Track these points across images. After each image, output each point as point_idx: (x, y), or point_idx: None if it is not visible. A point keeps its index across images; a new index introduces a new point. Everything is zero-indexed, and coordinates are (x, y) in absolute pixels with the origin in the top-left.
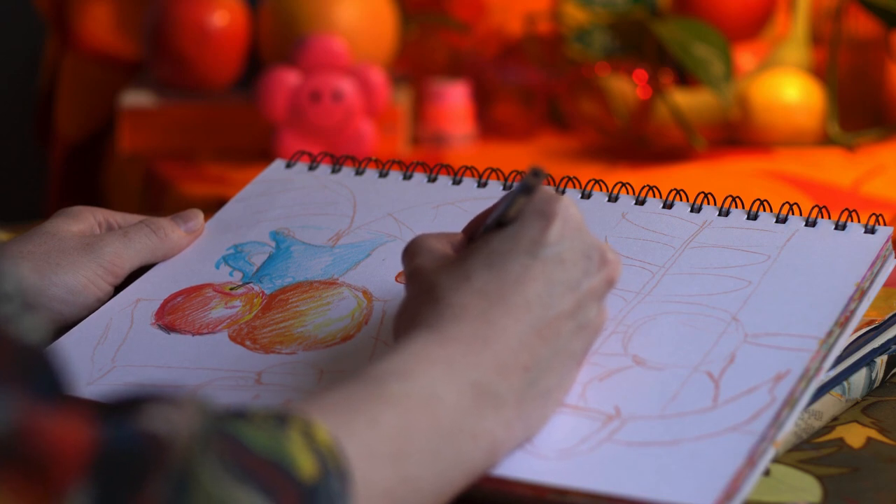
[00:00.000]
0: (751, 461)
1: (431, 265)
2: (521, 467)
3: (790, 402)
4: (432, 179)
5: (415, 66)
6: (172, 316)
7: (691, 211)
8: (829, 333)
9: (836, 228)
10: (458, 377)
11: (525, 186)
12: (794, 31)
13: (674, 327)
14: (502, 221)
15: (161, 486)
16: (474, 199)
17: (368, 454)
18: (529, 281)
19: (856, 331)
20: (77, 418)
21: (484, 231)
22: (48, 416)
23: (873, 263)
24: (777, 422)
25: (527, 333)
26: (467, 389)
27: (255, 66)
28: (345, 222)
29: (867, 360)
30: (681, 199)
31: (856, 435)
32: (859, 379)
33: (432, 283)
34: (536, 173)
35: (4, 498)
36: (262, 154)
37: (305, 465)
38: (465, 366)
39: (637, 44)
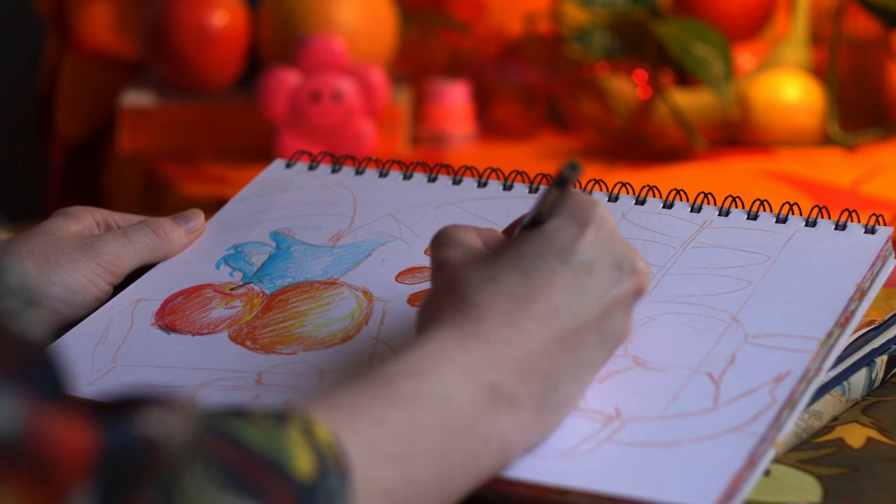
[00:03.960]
0: (751, 462)
1: (460, 259)
2: (522, 467)
3: (790, 403)
4: (432, 179)
5: (415, 66)
6: (173, 316)
7: (691, 211)
8: (830, 334)
9: (836, 228)
10: (475, 378)
11: (561, 179)
12: (794, 31)
13: (674, 328)
14: (536, 219)
15: (152, 491)
16: (474, 199)
17: (371, 453)
18: (558, 287)
19: (856, 331)
20: (79, 420)
21: (521, 230)
22: (52, 417)
23: (873, 263)
24: (777, 423)
25: (551, 340)
26: (483, 391)
27: (255, 66)
28: (345, 222)
29: (867, 360)
30: (681, 199)
31: (856, 435)
32: (859, 379)
33: (458, 279)
34: (573, 166)
35: (9, 498)
36: (262, 154)
37: (303, 462)
38: (483, 367)
39: (637, 44)
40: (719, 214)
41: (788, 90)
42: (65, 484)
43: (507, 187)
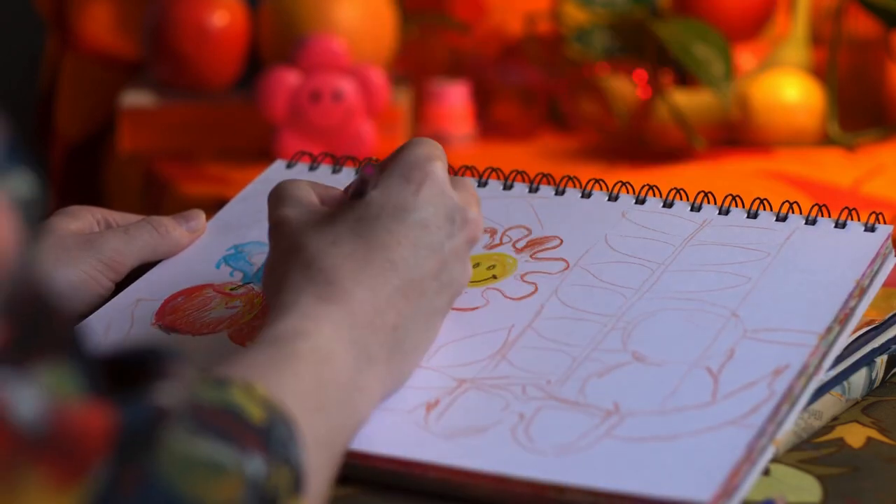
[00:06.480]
0: (749, 456)
1: (297, 218)
2: (520, 464)
3: (789, 398)
4: None
5: (415, 66)
6: (173, 316)
7: (691, 210)
8: (829, 329)
9: (836, 227)
10: (341, 335)
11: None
12: (794, 31)
13: (673, 323)
14: (360, 193)
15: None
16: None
17: (300, 405)
18: (394, 245)
19: (856, 330)
20: (99, 402)
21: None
22: (75, 401)
23: (873, 261)
24: (776, 417)
25: (393, 295)
26: (350, 347)
27: (255, 66)
28: None
29: (867, 360)
30: (681, 199)
31: (856, 435)
32: (859, 379)
33: (300, 243)
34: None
35: (37, 478)
36: (262, 154)
37: (254, 410)
38: (343, 326)
39: (637, 44)
40: (719, 213)
41: (788, 90)
42: (87, 461)
43: (507, 187)
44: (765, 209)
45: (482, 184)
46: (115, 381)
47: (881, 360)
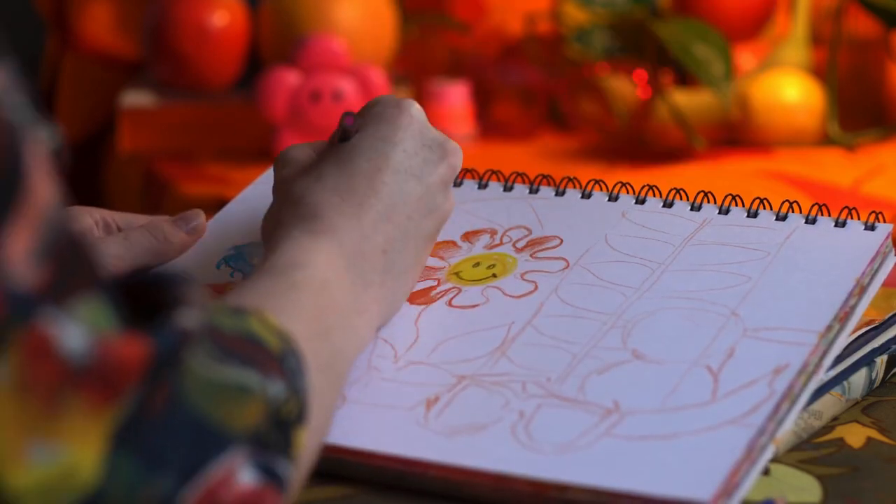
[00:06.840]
0: (749, 455)
1: (291, 175)
2: (520, 463)
3: (789, 397)
4: None
5: (415, 66)
6: None
7: (691, 210)
8: (829, 328)
9: (835, 226)
10: (335, 263)
11: (344, 136)
12: (794, 31)
13: (673, 322)
14: (346, 136)
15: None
16: (475, 202)
17: (304, 333)
18: (376, 172)
19: (855, 330)
20: (135, 333)
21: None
22: (113, 334)
23: (873, 260)
24: (776, 416)
25: (377, 220)
26: (345, 273)
27: (255, 66)
28: None
29: (867, 360)
30: (681, 199)
31: (856, 435)
32: (859, 379)
33: (291, 189)
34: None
35: (79, 402)
36: (262, 154)
37: (271, 339)
38: (335, 255)
39: (637, 44)
40: (719, 213)
41: (788, 90)
42: (122, 385)
43: (508, 188)
44: (765, 209)
45: (482, 185)
46: (138, 307)
47: (881, 360)
